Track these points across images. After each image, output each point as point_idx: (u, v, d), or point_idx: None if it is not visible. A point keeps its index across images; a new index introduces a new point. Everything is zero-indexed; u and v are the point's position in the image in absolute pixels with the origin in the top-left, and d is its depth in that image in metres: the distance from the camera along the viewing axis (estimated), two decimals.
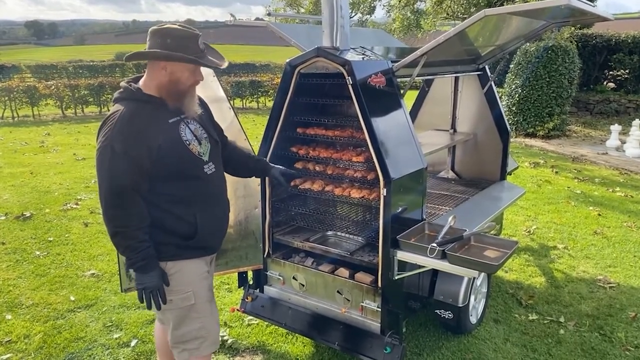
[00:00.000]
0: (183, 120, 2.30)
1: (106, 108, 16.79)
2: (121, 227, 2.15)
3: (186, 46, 2.17)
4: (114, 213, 2.14)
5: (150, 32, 2.20)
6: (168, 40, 2.15)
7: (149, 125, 2.17)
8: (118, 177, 2.10)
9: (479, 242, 3.01)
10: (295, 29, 3.97)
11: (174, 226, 2.28)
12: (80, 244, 5.27)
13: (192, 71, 2.23)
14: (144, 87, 2.24)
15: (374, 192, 3.12)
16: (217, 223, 2.49)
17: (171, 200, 2.27)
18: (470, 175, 4.81)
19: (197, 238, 2.33)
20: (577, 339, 3.60)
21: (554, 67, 11.13)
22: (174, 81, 2.21)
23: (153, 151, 2.15)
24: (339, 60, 2.87)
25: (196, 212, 2.32)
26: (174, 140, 2.24)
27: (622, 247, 5.31)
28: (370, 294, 3.05)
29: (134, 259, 2.17)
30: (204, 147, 2.37)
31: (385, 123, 2.93)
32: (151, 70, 2.23)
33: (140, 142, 2.13)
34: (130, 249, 2.17)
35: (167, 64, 2.18)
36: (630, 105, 14.49)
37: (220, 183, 2.49)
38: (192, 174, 2.31)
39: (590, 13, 3.11)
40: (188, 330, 2.40)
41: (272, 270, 3.47)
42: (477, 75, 4.51)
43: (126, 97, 2.22)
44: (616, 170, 8.89)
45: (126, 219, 2.15)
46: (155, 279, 2.22)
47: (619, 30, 15.40)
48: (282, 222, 3.56)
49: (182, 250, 2.32)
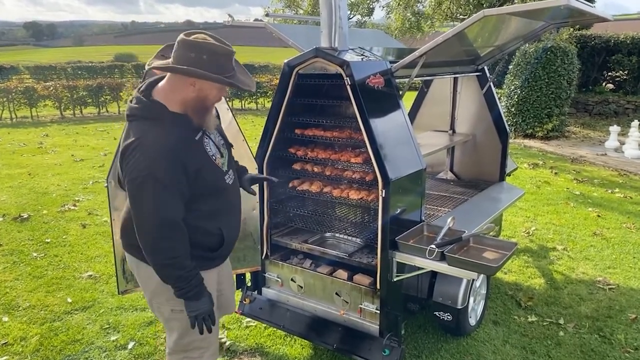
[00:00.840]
0: (205, 134, 2.21)
1: (104, 109, 16.79)
2: (171, 258, 2.05)
3: (222, 65, 2.03)
4: (163, 245, 2.04)
5: (182, 44, 2.02)
6: (204, 56, 1.99)
7: (184, 149, 2.05)
8: (166, 210, 2.00)
9: (478, 244, 2.99)
10: (294, 30, 3.96)
11: (200, 240, 2.21)
12: (77, 246, 5.24)
13: (220, 89, 2.11)
14: (167, 102, 2.07)
15: (372, 194, 3.11)
16: (236, 232, 2.45)
17: (199, 216, 2.18)
18: (469, 176, 4.79)
19: (221, 249, 2.30)
20: (576, 341, 3.58)
21: (553, 68, 11.13)
22: (201, 98, 2.08)
23: (191, 176, 2.06)
24: (337, 60, 2.86)
25: (221, 224, 2.26)
26: (205, 159, 2.16)
27: (622, 249, 5.29)
28: (369, 295, 3.03)
29: (186, 289, 2.10)
30: (224, 157, 2.31)
31: (383, 124, 2.91)
32: (176, 82, 2.06)
33: (181, 170, 2.02)
34: (181, 279, 2.09)
35: (197, 81, 2.03)
36: (629, 106, 14.49)
37: (237, 191, 2.44)
38: (219, 187, 2.24)
39: (589, 13, 3.10)
40: (193, 339, 2.35)
41: (270, 272, 3.46)
42: (476, 76, 4.49)
43: (151, 117, 2.05)
44: (615, 171, 8.87)
45: (176, 250, 2.06)
46: (207, 304, 2.17)
47: (618, 32, 15.40)
48: (280, 223, 3.55)
49: (203, 262, 2.26)
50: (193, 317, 2.15)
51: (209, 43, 2.01)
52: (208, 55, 1.99)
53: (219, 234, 2.27)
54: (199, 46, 1.99)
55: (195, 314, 2.15)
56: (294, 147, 3.34)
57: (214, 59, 2.01)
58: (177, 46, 2.04)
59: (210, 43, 2.02)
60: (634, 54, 14.92)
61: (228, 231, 2.32)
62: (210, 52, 2.00)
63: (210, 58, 1.99)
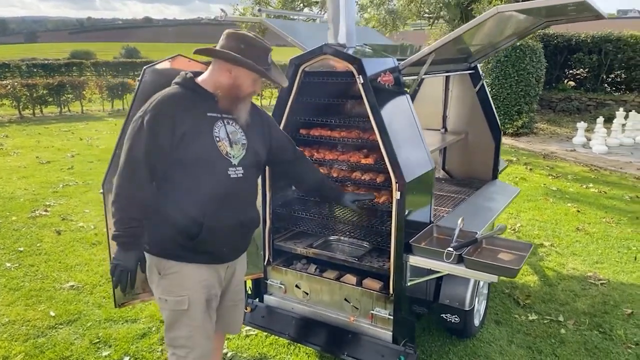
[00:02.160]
0: (223, 119, 2.26)
1: (66, 108, 16.14)
2: (121, 197, 2.13)
3: (258, 56, 2.19)
4: (121, 182, 2.13)
5: (226, 34, 2.22)
6: (242, 45, 2.17)
7: (183, 111, 2.15)
8: (135, 149, 2.10)
9: (491, 245, 2.94)
10: (291, 26, 3.82)
11: (180, 222, 2.20)
12: (54, 254, 4.95)
13: (254, 81, 2.24)
14: (200, 80, 2.25)
15: (382, 195, 3.01)
16: (229, 232, 2.32)
17: (182, 190, 2.19)
18: (462, 174, 4.77)
19: (200, 240, 2.21)
20: (578, 338, 3.59)
21: (522, 66, 11.34)
22: (236, 86, 2.21)
23: (176, 136, 2.12)
24: (348, 58, 2.75)
25: (205, 212, 2.21)
26: (203, 132, 2.19)
27: (605, 243, 5.39)
28: (381, 301, 2.93)
29: (120, 232, 2.14)
30: (236, 151, 2.27)
31: (396, 123, 2.82)
32: (216, 68, 2.24)
33: (167, 123, 2.11)
34: (120, 222, 2.13)
35: (234, 68, 2.18)
36: (591, 103, 14.97)
37: (244, 193, 2.34)
38: (212, 171, 2.21)
39: (594, 10, 3.09)
40: (178, 335, 2.32)
41: (272, 278, 3.32)
42: (469, 74, 4.47)
43: (177, 82, 2.25)
44: (586, 166, 9.10)
45: (129, 191, 2.13)
46: (132, 261, 2.18)
47: (584, 31, 15.86)
48: (282, 227, 3.41)
49: (186, 252, 2.24)
50: (113, 266, 2.17)
51: (248, 35, 2.21)
52: (245, 45, 2.17)
53: (199, 222, 2.20)
54: (239, 36, 2.19)
55: (117, 262, 2.16)
56: (299, 147, 3.20)
57: (251, 50, 2.17)
58: (223, 37, 2.22)
59: (250, 36, 2.21)
60: (594, 52, 15.43)
61: (213, 224, 2.22)
62: (248, 44, 2.18)
63: (247, 48, 2.17)
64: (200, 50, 2.22)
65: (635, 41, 14.85)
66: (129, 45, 67.26)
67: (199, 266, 2.30)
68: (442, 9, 12.80)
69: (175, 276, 2.27)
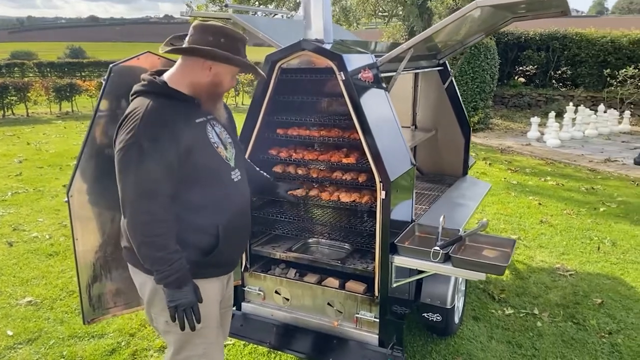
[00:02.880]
0: (209, 122, 2.09)
1: (10, 111, 15.30)
2: (151, 236, 1.88)
3: (238, 49, 2.01)
4: (143, 220, 1.87)
5: (199, 28, 1.99)
6: (222, 39, 1.96)
7: (178, 122, 1.94)
8: (149, 179, 1.86)
9: (474, 242, 2.92)
10: (260, 22, 3.67)
11: (194, 238, 2.03)
12: (7, 268, 4.61)
13: (233, 76, 2.08)
14: (170, 82, 2.01)
15: (365, 196, 2.93)
16: (240, 237, 2.23)
17: (194, 208, 2.01)
18: (432, 170, 4.77)
19: (217, 252, 2.07)
20: (554, 330, 3.64)
21: (477, 63, 11.58)
22: (216, 83, 2.02)
23: (182, 150, 1.91)
24: (328, 54, 2.65)
25: (219, 222, 2.05)
26: (203, 141, 2.02)
27: (569, 235, 5.53)
28: (366, 304, 2.86)
29: (166, 272, 1.89)
30: (230, 152, 2.14)
31: (378, 121, 2.74)
32: (188, 67, 2.00)
33: (170, 140, 1.89)
34: (161, 262, 1.89)
35: (214, 65, 1.98)
36: (541, 98, 15.51)
37: (245, 193, 2.22)
38: (219, 179, 2.07)
39: (567, 6, 3.12)
40: (191, 354, 2.14)
41: (250, 285, 3.18)
42: (437, 71, 4.46)
43: (150, 91, 1.98)
44: (542, 160, 9.37)
45: (157, 226, 1.88)
46: (190, 294, 1.94)
47: (532, 29, 16.38)
48: (259, 231, 3.28)
49: (200, 268, 2.06)
50: (173, 308, 1.93)
51: (225, 27, 2.01)
52: (225, 39, 1.97)
53: (214, 233, 2.05)
54: (217, 30, 1.98)
55: (175, 304, 1.92)
56: (275, 148, 3.09)
57: (232, 43, 1.99)
58: (192, 31, 2.00)
59: (227, 27, 2.02)
60: (542, 49, 16.00)
61: (228, 233, 2.09)
62: (228, 36, 1.99)
63: (227, 41, 1.97)
64: (181, 49, 1.99)
65: (579, 38, 15.48)
66: (74, 45, 64.68)
67: (210, 281, 2.16)
68: (397, 6, 12.87)
69: None
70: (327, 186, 3.12)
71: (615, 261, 4.84)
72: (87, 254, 2.63)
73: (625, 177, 8.01)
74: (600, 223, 5.87)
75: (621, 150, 9.91)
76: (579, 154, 9.68)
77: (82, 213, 2.59)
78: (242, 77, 18.00)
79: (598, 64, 15.10)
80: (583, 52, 15.35)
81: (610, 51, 14.93)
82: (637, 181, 7.75)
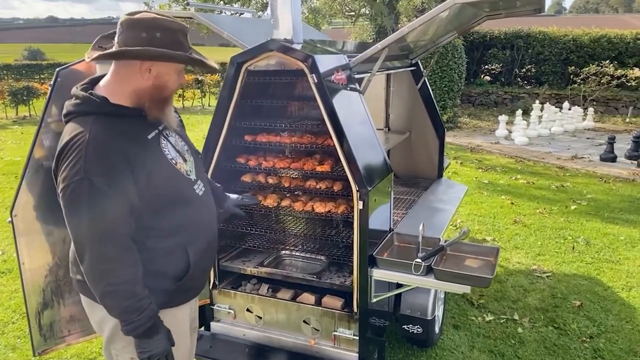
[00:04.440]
0: (162, 134, 1.83)
1: None
2: (114, 284, 1.65)
3: (179, 42, 1.71)
4: (104, 267, 1.64)
5: (128, 24, 1.67)
6: (157, 34, 1.65)
7: (130, 145, 1.67)
8: (105, 220, 1.61)
9: (456, 251, 2.78)
10: (224, 21, 3.45)
11: (163, 266, 1.80)
12: None
13: (179, 73, 1.78)
14: (110, 95, 1.72)
15: (340, 205, 2.76)
16: (210, 254, 2.01)
17: (159, 234, 1.78)
18: (406, 173, 4.63)
19: (189, 275, 1.85)
20: (536, 336, 3.55)
21: (445, 62, 11.58)
22: (160, 86, 1.72)
23: (140, 177, 1.66)
24: (299, 55, 2.46)
25: (188, 244, 1.83)
26: (160, 162, 1.77)
27: (543, 234, 5.49)
28: (344, 320, 2.68)
29: (136, 323, 1.67)
30: (189, 163, 1.90)
31: (353, 125, 2.57)
32: (124, 72, 1.72)
33: (124, 168, 1.63)
34: (130, 311, 1.67)
35: (154, 65, 1.68)
36: (507, 96, 15.70)
37: (211, 205, 2.00)
38: (183, 198, 1.83)
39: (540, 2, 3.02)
40: None
41: (220, 303, 2.97)
42: (410, 71, 4.32)
43: (90, 112, 1.69)
44: (511, 158, 9.40)
45: (121, 273, 1.65)
46: (162, 342, 1.74)
47: (496, 27, 16.56)
48: (228, 245, 3.06)
49: (169, 297, 1.85)
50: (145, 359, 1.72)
51: (160, 18, 1.69)
52: (162, 32, 1.67)
53: (183, 257, 1.84)
54: (150, 23, 1.67)
55: (148, 355, 1.72)
56: (244, 156, 2.88)
57: (170, 36, 1.68)
58: (121, 29, 1.69)
59: (160, 19, 1.70)
60: (507, 48, 16.19)
61: (198, 254, 1.88)
62: (164, 29, 1.67)
63: (164, 35, 1.67)
64: (108, 54, 1.67)
65: (543, 37, 15.73)
66: (32, 47, 62.54)
67: (182, 308, 1.95)
68: (365, 6, 12.79)
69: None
70: (301, 195, 2.93)
71: (590, 261, 4.81)
72: (35, 278, 2.38)
73: (593, 174, 8.09)
74: (573, 221, 5.86)
75: (587, 147, 10.04)
76: (546, 151, 9.75)
77: (29, 233, 2.34)
78: (208, 78, 17.67)
79: (561, 62, 15.39)
80: (546, 51, 15.60)
81: (573, 49, 15.23)
82: (605, 178, 7.83)
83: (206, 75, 17.29)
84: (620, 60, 14.68)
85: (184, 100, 17.93)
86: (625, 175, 7.92)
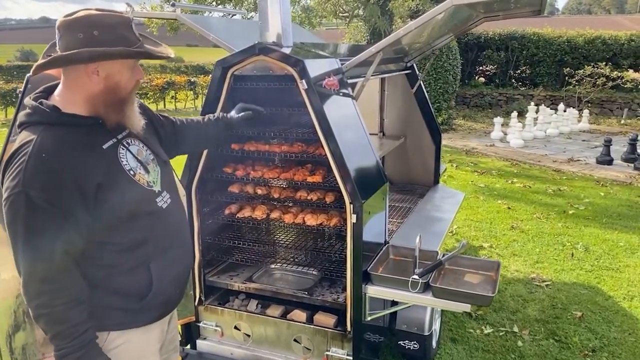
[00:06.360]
0: (121, 143, 1.69)
1: None
2: (47, 307, 1.53)
3: (122, 36, 1.58)
4: (38, 289, 1.52)
5: (64, 27, 1.56)
6: (95, 32, 1.54)
7: (80, 159, 1.55)
8: (41, 237, 1.50)
9: (454, 265, 2.64)
10: (211, 23, 3.30)
11: (123, 283, 1.68)
12: None
13: (133, 70, 1.65)
14: (64, 105, 1.60)
15: (333, 217, 2.61)
16: (178, 269, 1.85)
17: (117, 250, 1.65)
18: (402, 180, 4.50)
19: (152, 294, 1.71)
20: (537, 350, 3.42)
21: (440, 64, 11.48)
22: (111, 88, 1.60)
23: (90, 195, 1.54)
24: (288, 59, 2.31)
25: (150, 260, 1.70)
26: (115, 173, 1.63)
27: (541, 241, 5.37)
28: (337, 339, 2.54)
29: (65, 350, 1.56)
30: (153, 174, 1.75)
31: (345, 134, 2.43)
32: (73, 78, 1.59)
33: (70, 183, 1.50)
34: (61, 337, 1.55)
35: (100, 66, 1.56)
36: (501, 97, 15.64)
37: (179, 217, 1.86)
38: (142, 212, 1.68)
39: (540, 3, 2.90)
40: None
41: (206, 320, 2.82)
42: (405, 74, 4.19)
43: (38, 121, 1.57)
44: (507, 161, 9.29)
45: (54, 296, 1.53)
46: None
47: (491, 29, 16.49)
48: (214, 259, 2.91)
49: (132, 316, 1.72)
50: None
51: (95, 15, 1.57)
52: (100, 30, 1.55)
53: (145, 273, 1.71)
54: (85, 22, 1.55)
55: None
56: (231, 165, 2.72)
57: (110, 32, 1.57)
58: (59, 33, 1.58)
59: (97, 14, 1.58)
60: (501, 49, 16.13)
61: (162, 269, 1.74)
62: (102, 25, 1.56)
63: (103, 32, 1.55)
64: (43, 64, 1.56)
65: (537, 38, 15.68)
66: (25, 48, 62.06)
67: (148, 329, 1.80)
68: (359, 7, 12.65)
69: (121, 350, 1.73)
70: (291, 207, 2.78)
71: (589, 268, 4.69)
72: (5, 298, 2.22)
73: (590, 177, 7.99)
74: (571, 227, 5.75)
75: (583, 150, 9.95)
76: (542, 154, 9.65)
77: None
78: (201, 79, 17.47)
79: (555, 63, 15.33)
80: (541, 52, 15.55)
81: (567, 51, 15.18)
82: (602, 181, 7.74)
83: (199, 77, 17.11)
84: (615, 61, 14.64)
85: (176, 102, 17.77)
86: (622, 178, 7.83)
